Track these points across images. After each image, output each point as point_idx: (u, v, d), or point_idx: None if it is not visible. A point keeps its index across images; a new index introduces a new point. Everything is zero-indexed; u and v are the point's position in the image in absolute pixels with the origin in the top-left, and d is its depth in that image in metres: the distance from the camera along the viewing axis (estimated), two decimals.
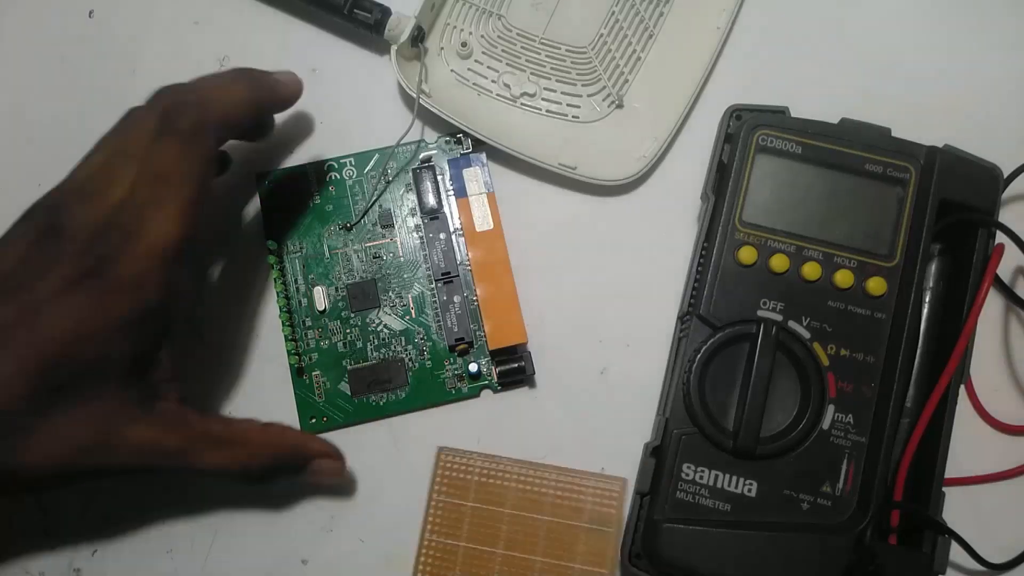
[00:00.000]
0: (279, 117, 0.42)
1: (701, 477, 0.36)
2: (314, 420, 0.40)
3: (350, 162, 0.42)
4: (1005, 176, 0.39)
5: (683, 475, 0.36)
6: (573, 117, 0.43)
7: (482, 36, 0.43)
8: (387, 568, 0.39)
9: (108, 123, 0.44)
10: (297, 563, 0.39)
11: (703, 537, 0.35)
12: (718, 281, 0.37)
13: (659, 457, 0.36)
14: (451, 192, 0.42)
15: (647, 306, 0.41)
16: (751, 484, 0.36)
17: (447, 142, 0.42)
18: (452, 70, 0.43)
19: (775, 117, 0.39)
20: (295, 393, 0.40)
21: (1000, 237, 0.37)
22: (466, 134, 0.42)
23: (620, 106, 0.43)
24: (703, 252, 0.38)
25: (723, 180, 0.39)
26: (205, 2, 0.45)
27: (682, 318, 0.39)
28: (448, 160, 0.42)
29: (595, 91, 0.43)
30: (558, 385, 0.41)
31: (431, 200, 0.42)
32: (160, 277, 0.33)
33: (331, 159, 0.42)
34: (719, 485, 0.36)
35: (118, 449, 0.33)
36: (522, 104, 0.43)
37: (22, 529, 0.39)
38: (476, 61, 0.43)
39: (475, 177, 0.41)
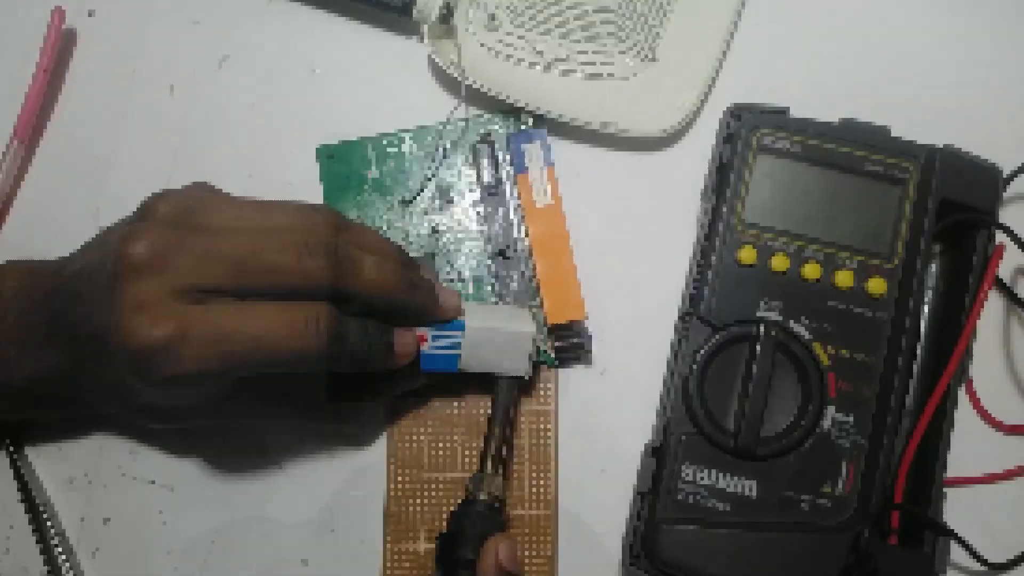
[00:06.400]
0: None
1: (701, 477, 0.36)
2: None
3: (409, 137, 0.43)
4: (1005, 176, 0.39)
5: (683, 475, 0.36)
6: (608, 75, 0.43)
7: (508, 7, 0.43)
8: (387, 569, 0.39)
9: (107, 123, 0.44)
10: (297, 563, 0.39)
11: (703, 537, 0.35)
12: (718, 281, 0.37)
13: (659, 457, 0.36)
14: (510, 167, 0.42)
15: (647, 306, 0.41)
16: (751, 484, 0.36)
17: (505, 118, 0.43)
18: (482, 44, 0.43)
19: (775, 117, 0.39)
20: None
21: (1000, 237, 0.37)
22: (514, 108, 0.42)
23: (654, 60, 0.43)
24: (703, 252, 0.38)
25: (723, 180, 0.38)
26: (205, 2, 0.45)
27: (682, 318, 0.39)
28: (507, 136, 0.42)
29: (627, 48, 0.43)
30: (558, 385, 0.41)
31: (490, 175, 0.42)
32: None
33: (390, 134, 0.43)
34: (719, 485, 0.36)
35: None
36: (556, 69, 0.43)
37: (22, 530, 0.39)
38: (505, 33, 0.43)
39: (534, 152, 0.41)
